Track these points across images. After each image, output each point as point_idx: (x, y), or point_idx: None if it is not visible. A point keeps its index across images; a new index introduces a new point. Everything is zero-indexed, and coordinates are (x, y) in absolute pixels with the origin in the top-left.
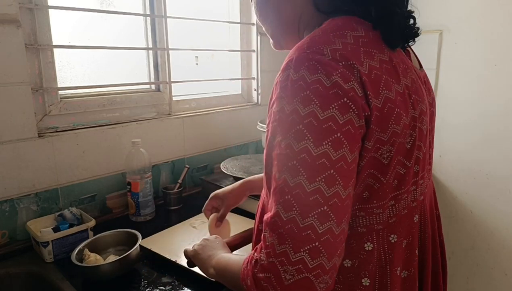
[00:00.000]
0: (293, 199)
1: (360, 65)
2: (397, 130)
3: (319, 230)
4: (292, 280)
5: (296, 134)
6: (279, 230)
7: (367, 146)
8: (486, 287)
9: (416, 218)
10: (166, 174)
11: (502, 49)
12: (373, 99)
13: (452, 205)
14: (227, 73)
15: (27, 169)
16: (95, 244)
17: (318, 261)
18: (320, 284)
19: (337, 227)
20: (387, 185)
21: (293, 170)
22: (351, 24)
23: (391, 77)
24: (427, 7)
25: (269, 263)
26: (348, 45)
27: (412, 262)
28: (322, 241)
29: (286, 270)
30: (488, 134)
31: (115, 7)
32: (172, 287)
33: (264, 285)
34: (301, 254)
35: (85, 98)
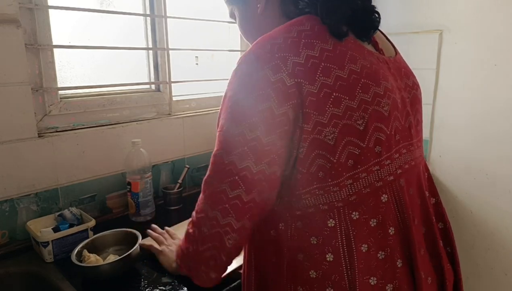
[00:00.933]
0: (214, 167)
1: (297, 56)
2: (337, 113)
3: (230, 195)
4: (208, 232)
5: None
6: (206, 192)
7: (306, 128)
8: (486, 287)
9: (384, 197)
10: (166, 174)
11: (502, 49)
12: (307, 86)
13: (452, 205)
14: (227, 73)
15: (27, 169)
16: (95, 244)
17: (227, 220)
18: (229, 240)
19: (247, 195)
20: (339, 164)
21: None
22: (301, 21)
23: (332, 64)
24: (427, 7)
25: (197, 218)
26: (288, 39)
27: (387, 242)
28: (232, 204)
29: (204, 224)
30: (488, 134)
31: (115, 7)
32: (172, 287)
33: (191, 238)
34: (215, 212)
35: (85, 98)
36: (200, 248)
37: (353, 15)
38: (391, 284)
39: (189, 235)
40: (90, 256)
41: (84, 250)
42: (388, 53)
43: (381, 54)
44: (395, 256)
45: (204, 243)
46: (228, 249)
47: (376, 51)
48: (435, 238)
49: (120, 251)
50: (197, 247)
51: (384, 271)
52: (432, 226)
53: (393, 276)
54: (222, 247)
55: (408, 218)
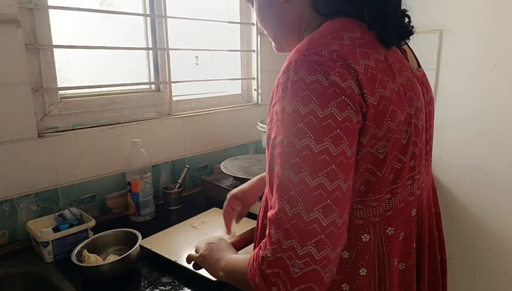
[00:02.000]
0: (297, 195)
1: (357, 65)
2: (392, 126)
3: (324, 223)
4: (300, 273)
5: (298, 133)
6: (285, 225)
7: (362, 141)
8: (486, 287)
9: (413, 211)
10: (166, 174)
11: (502, 49)
12: (369, 97)
13: (452, 205)
14: (227, 73)
15: (27, 169)
16: (95, 244)
17: (324, 253)
18: (326, 274)
19: (340, 218)
20: (383, 179)
21: (296, 167)
22: (347, 26)
23: (386, 76)
24: (427, 7)
25: (277, 259)
26: (344, 46)
27: (410, 254)
28: (327, 234)
29: (294, 264)
30: (488, 134)
31: (115, 7)
32: (172, 287)
33: (273, 280)
34: (308, 248)
35: (85, 98)
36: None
37: (399, 22)
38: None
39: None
40: (90, 256)
41: (84, 250)
42: (413, 65)
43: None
44: (413, 268)
45: (295, 284)
46: (326, 283)
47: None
48: (434, 250)
49: (120, 251)
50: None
51: (402, 281)
52: (433, 237)
53: (410, 287)
54: (319, 283)
55: (424, 230)
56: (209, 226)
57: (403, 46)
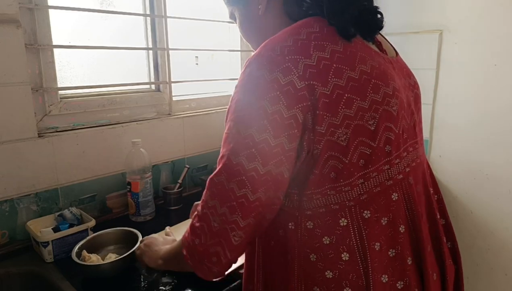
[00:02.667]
0: (223, 167)
1: (308, 58)
2: (350, 113)
3: (237, 193)
4: (218, 227)
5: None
6: (212, 188)
7: (320, 130)
8: (486, 287)
9: (395, 195)
10: (166, 174)
11: (502, 49)
12: (320, 88)
13: (452, 205)
14: (227, 73)
15: (27, 169)
16: (94, 242)
17: (234, 217)
18: (234, 237)
19: (252, 194)
20: (351, 165)
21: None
22: (309, 23)
23: (343, 65)
24: (427, 7)
25: (204, 214)
26: (298, 41)
27: (397, 240)
28: (239, 202)
29: (214, 219)
30: (488, 134)
31: (115, 7)
32: (172, 287)
33: (198, 232)
34: (224, 209)
35: (85, 98)
36: (208, 242)
37: (360, 15)
38: (402, 281)
39: (196, 228)
40: (90, 256)
41: (83, 251)
42: (390, 54)
43: (385, 55)
44: (405, 254)
45: (212, 237)
46: (233, 246)
47: (380, 52)
48: (438, 234)
49: (119, 250)
50: (205, 241)
51: (395, 268)
52: (436, 222)
53: (404, 273)
54: (228, 243)
55: (418, 215)
56: None
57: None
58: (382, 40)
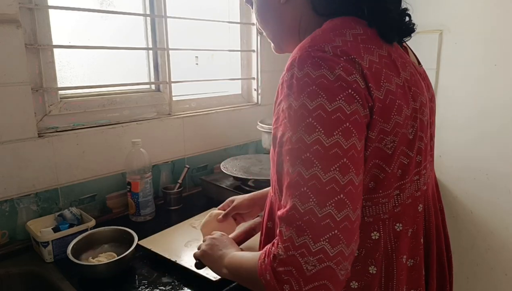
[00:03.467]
0: (309, 190)
1: (361, 60)
2: (399, 121)
3: (337, 218)
4: (314, 270)
5: (307, 128)
6: (297, 222)
7: (371, 136)
8: (486, 287)
9: (420, 207)
10: (166, 174)
11: (502, 49)
12: (375, 91)
13: (452, 205)
14: (227, 73)
15: (27, 169)
16: (91, 238)
17: (338, 249)
18: (341, 271)
19: (353, 213)
20: (392, 175)
21: (307, 162)
22: (349, 23)
23: (390, 70)
24: (427, 7)
25: (289, 256)
26: (347, 42)
27: (418, 250)
28: (341, 229)
29: (307, 261)
30: (488, 134)
31: (115, 7)
32: (172, 287)
33: (285, 278)
34: (321, 244)
35: (85, 98)
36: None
37: (398, 18)
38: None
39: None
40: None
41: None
42: (415, 61)
43: None
44: (421, 265)
45: (310, 282)
46: (341, 281)
47: None
48: (442, 246)
49: (115, 248)
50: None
51: (410, 278)
52: (440, 234)
53: (418, 284)
54: (333, 281)
55: (431, 226)
56: None
57: (403, 44)
58: (407, 47)
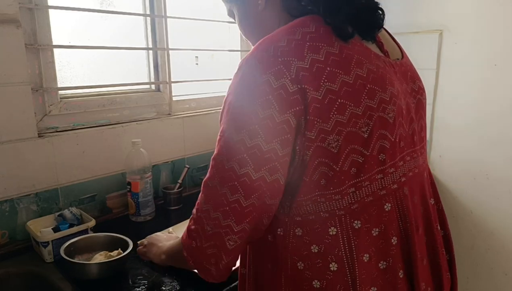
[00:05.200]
0: (215, 171)
1: (301, 60)
2: (342, 120)
3: (230, 198)
4: (211, 231)
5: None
6: (206, 192)
7: (310, 136)
8: (486, 287)
9: (387, 206)
10: (166, 174)
11: (502, 49)
12: (312, 92)
13: (452, 205)
14: (227, 73)
15: (27, 169)
16: (84, 244)
17: (227, 222)
18: (229, 241)
19: (245, 200)
20: (342, 173)
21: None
22: (305, 22)
23: (338, 68)
24: (427, 7)
25: (198, 216)
26: (293, 42)
27: (389, 252)
28: (232, 208)
29: (208, 223)
30: (488, 134)
31: (115, 7)
32: (172, 287)
33: (194, 234)
34: (217, 214)
35: (85, 98)
36: (203, 244)
37: (357, 14)
38: None
39: (191, 231)
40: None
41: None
42: (394, 56)
43: (387, 57)
44: (397, 266)
45: (207, 240)
46: (229, 250)
47: (382, 54)
48: (436, 247)
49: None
50: (200, 244)
51: (385, 281)
52: (434, 234)
53: (395, 286)
54: (222, 246)
55: (411, 227)
56: None
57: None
58: (386, 40)
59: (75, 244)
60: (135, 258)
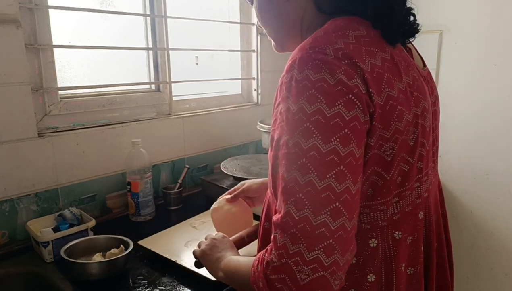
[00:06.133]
0: (304, 197)
1: (363, 64)
2: (400, 127)
3: (332, 226)
4: (307, 279)
5: (304, 132)
6: (291, 229)
7: (370, 143)
8: (486, 287)
9: (421, 214)
10: (166, 174)
11: (502, 49)
12: (376, 97)
13: (452, 205)
14: (227, 73)
15: (27, 169)
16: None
17: (333, 258)
18: (335, 281)
19: (349, 222)
20: (391, 182)
21: (303, 168)
22: (352, 24)
23: (393, 75)
24: (427, 7)
25: (282, 264)
26: (350, 45)
27: (418, 258)
28: (336, 238)
29: (301, 270)
30: (488, 134)
31: (115, 7)
32: (172, 287)
33: (278, 286)
34: (316, 253)
35: (85, 98)
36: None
37: (403, 19)
38: None
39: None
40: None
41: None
42: (419, 64)
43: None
44: (421, 273)
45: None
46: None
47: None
48: (443, 253)
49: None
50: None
51: (410, 286)
52: (442, 240)
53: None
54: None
55: (431, 234)
56: (209, 226)
57: (407, 45)
58: (412, 48)
59: (75, 246)
60: (135, 258)
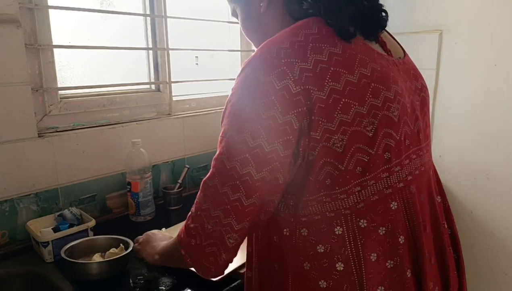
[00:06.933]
0: (216, 171)
1: (304, 61)
2: (346, 119)
3: (231, 197)
4: (211, 229)
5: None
6: (205, 191)
7: (315, 136)
8: (486, 287)
9: (394, 205)
10: (166, 174)
11: (502, 49)
12: (316, 92)
13: (452, 205)
14: (227, 73)
15: (27, 169)
16: (88, 246)
17: (228, 220)
18: (229, 240)
19: (246, 199)
20: (347, 172)
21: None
22: (307, 24)
23: (342, 68)
24: (427, 7)
25: (197, 215)
26: (295, 43)
27: (396, 251)
28: (233, 206)
29: (208, 221)
30: (488, 134)
31: (115, 7)
32: (172, 286)
33: (193, 233)
34: (218, 212)
35: (85, 98)
36: (203, 243)
37: (360, 14)
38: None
39: (190, 229)
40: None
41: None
42: (397, 54)
43: (390, 56)
44: (404, 266)
45: (207, 238)
46: (229, 248)
47: (385, 53)
48: (444, 246)
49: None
50: (200, 242)
51: (392, 280)
52: (441, 233)
53: (402, 286)
54: (223, 245)
55: (418, 226)
56: None
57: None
58: (388, 40)
59: (75, 246)
60: (135, 258)
